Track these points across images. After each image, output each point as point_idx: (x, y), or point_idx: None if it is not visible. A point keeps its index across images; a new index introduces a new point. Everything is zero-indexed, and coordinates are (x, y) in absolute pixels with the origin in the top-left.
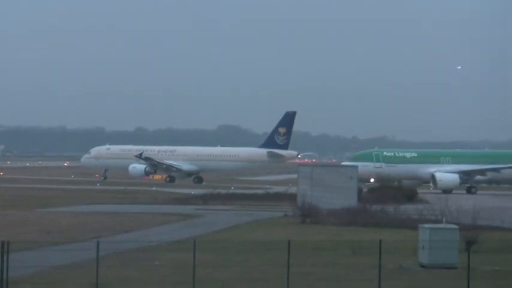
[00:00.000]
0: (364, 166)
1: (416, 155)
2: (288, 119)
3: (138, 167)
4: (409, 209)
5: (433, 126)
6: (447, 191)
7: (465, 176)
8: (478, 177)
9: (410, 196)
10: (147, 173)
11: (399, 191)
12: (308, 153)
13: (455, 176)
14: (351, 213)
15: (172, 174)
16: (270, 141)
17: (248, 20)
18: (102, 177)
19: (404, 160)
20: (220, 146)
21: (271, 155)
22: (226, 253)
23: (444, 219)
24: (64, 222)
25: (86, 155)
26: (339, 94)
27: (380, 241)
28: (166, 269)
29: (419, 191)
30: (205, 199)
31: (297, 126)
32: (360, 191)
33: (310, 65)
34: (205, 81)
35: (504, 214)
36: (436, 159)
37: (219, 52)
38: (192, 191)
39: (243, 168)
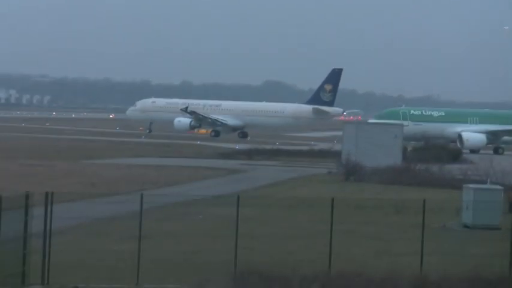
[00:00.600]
0: None
1: (444, 114)
2: (334, 76)
3: (184, 120)
4: (453, 168)
5: (478, 87)
6: (474, 150)
7: (492, 136)
8: (506, 137)
9: (455, 156)
10: (192, 127)
11: (444, 150)
12: (354, 111)
13: (482, 136)
14: (395, 171)
15: (217, 128)
16: (315, 98)
17: None
18: (147, 130)
19: (431, 119)
20: (266, 101)
21: (316, 111)
22: (270, 209)
23: (489, 180)
24: (108, 174)
25: (132, 108)
26: (385, 52)
27: (424, 200)
28: (209, 223)
29: None
30: (249, 154)
31: (343, 83)
32: (404, 149)
33: (357, 22)
34: (251, 38)
35: None
36: (463, 119)
37: (268, 9)
38: (237, 146)
39: (288, 124)
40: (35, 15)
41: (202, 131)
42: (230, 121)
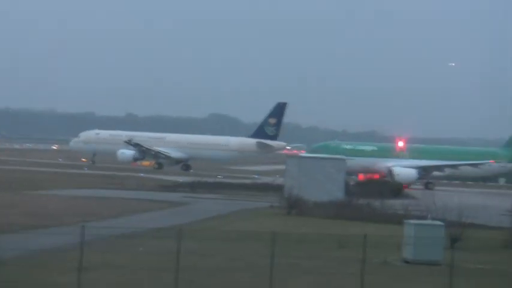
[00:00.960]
0: None
1: (376, 148)
2: (279, 110)
3: (127, 152)
4: (395, 204)
5: (425, 123)
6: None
7: (423, 171)
8: (436, 173)
9: (396, 191)
10: (135, 159)
11: (386, 185)
12: (297, 145)
13: (413, 171)
14: (338, 206)
15: (161, 161)
16: (259, 132)
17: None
18: (91, 162)
19: (363, 153)
20: (210, 134)
21: (260, 145)
22: (211, 242)
23: (429, 215)
24: (51, 205)
25: (75, 139)
26: (330, 88)
27: (365, 236)
28: (150, 256)
29: None
30: (192, 187)
31: (287, 117)
32: (347, 184)
33: (303, 59)
34: (196, 71)
35: (487, 212)
36: (393, 154)
37: (212, 44)
38: (180, 179)
39: (233, 157)
40: None
41: (146, 163)
42: (174, 153)
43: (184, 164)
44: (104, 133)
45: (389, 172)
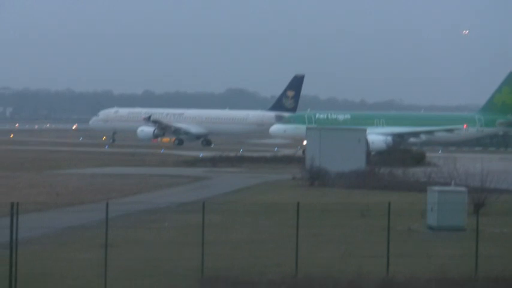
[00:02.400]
0: (296, 128)
1: (349, 117)
2: (296, 82)
3: (147, 129)
4: (417, 172)
5: (441, 91)
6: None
7: (398, 138)
8: (412, 139)
9: (418, 159)
10: (155, 136)
11: (407, 154)
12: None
13: (388, 138)
14: (359, 176)
15: (181, 137)
16: (278, 105)
17: None
18: (111, 140)
19: (337, 122)
20: (229, 109)
21: (279, 118)
22: (235, 215)
23: (453, 182)
24: (73, 184)
25: (94, 118)
26: (347, 58)
27: (389, 204)
28: (175, 231)
29: None
30: (213, 162)
31: (306, 90)
32: (368, 154)
33: (319, 27)
34: (212, 46)
35: (510, 176)
36: (369, 122)
37: (228, 15)
38: (201, 154)
39: (252, 131)
40: None
41: (166, 139)
42: (193, 129)
43: (204, 139)
44: (123, 111)
45: None
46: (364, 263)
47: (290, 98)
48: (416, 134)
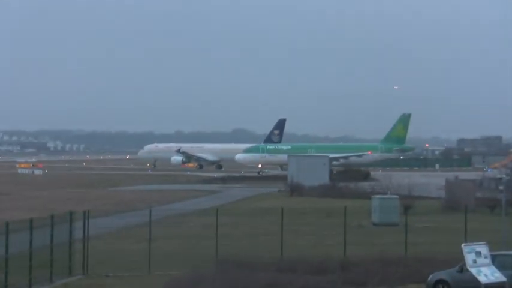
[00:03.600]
0: (253, 156)
1: (290, 147)
2: (281, 124)
3: (177, 158)
4: (364, 185)
5: (380, 128)
6: None
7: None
8: (334, 162)
9: (365, 176)
10: (183, 163)
11: (357, 172)
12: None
13: None
14: (325, 188)
15: (201, 163)
16: (268, 139)
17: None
18: (153, 166)
19: (281, 151)
20: (234, 143)
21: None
22: (239, 216)
23: (389, 192)
24: (127, 197)
25: (141, 151)
26: (319, 99)
27: (345, 207)
28: (197, 228)
29: None
30: (224, 180)
31: (287, 128)
32: (331, 172)
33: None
34: (224, 94)
35: (429, 187)
36: (304, 151)
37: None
38: (215, 175)
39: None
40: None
41: (191, 165)
42: (210, 157)
43: (217, 165)
44: (161, 145)
45: None
46: (329, 249)
47: (276, 135)
48: (336, 159)
